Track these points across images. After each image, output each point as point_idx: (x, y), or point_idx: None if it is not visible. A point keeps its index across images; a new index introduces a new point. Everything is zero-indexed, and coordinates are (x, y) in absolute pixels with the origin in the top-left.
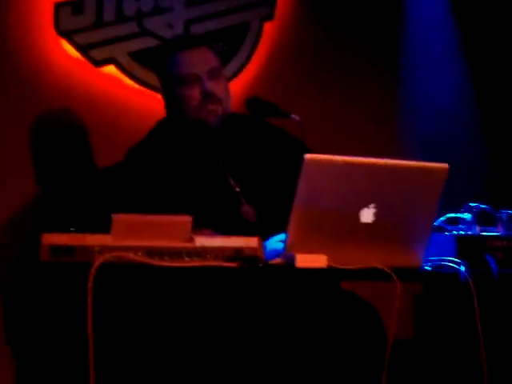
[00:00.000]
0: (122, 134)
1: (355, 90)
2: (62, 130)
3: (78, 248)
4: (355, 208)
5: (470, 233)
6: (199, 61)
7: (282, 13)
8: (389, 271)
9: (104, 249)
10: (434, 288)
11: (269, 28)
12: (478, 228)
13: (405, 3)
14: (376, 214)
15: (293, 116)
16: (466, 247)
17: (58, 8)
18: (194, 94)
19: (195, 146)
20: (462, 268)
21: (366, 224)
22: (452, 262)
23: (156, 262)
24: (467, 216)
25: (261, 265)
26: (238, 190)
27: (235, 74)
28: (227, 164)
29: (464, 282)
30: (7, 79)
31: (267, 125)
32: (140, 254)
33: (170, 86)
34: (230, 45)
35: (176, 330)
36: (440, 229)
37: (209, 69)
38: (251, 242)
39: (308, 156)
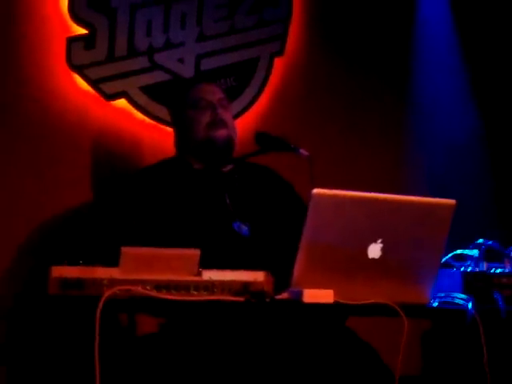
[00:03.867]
0: (132, 167)
1: (364, 124)
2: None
3: (87, 281)
4: (363, 243)
5: (477, 269)
6: (211, 90)
7: (292, 48)
8: (396, 307)
9: (112, 282)
10: (442, 324)
11: (279, 63)
12: (485, 264)
13: (414, 36)
14: (383, 250)
15: (301, 151)
16: (473, 284)
17: (70, 42)
18: (205, 117)
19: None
20: (470, 305)
21: (374, 259)
22: (459, 298)
23: (163, 295)
24: (475, 252)
25: (268, 300)
26: (231, 208)
27: (245, 109)
28: (231, 196)
29: (471, 319)
30: (20, 113)
31: (273, 174)
32: (148, 287)
33: (183, 110)
34: (240, 80)
35: (183, 363)
36: (447, 265)
37: (219, 98)
38: (258, 276)
39: (315, 191)
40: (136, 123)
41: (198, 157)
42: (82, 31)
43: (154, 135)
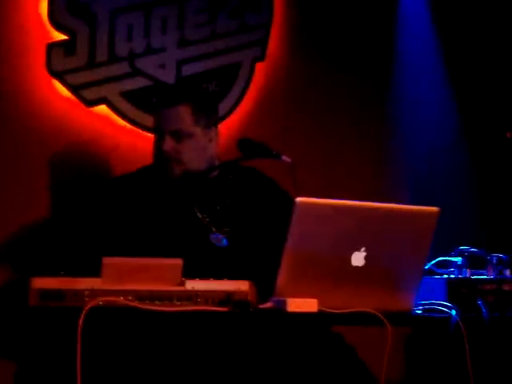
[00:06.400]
0: (113, 173)
1: (346, 130)
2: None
3: (68, 292)
4: (346, 251)
5: (460, 276)
6: (167, 120)
7: (274, 53)
8: (380, 316)
9: (94, 292)
10: (425, 331)
11: (260, 68)
12: (468, 271)
13: (395, 40)
14: (367, 258)
15: (284, 157)
16: (457, 291)
17: (50, 48)
18: (164, 146)
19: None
20: (453, 312)
21: (357, 267)
22: (443, 305)
23: (146, 306)
24: (458, 259)
25: (252, 309)
26: (206, 220)
27: (227, 114)
28: (201, 203)
29: (455, 327)
30: None
31: (259, 174)
32: (130, 297)
33: (153, 128)
34: (222, 85)
35: (166, 374)
36: (431, 272)
37: (171, 130)
38: (242, 285)
39: (299, 199)
40: (117, 129)
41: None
42: (62, 37)
43: (134, 141)
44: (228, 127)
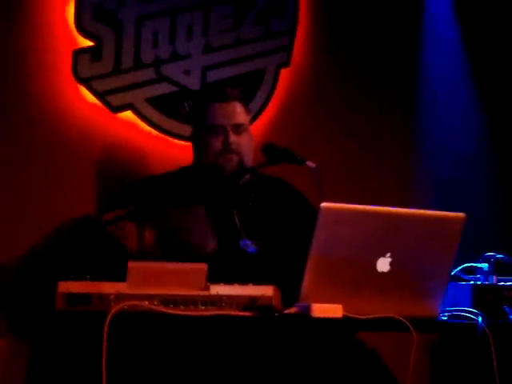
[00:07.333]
0: (138, 179)
1: (371, 134)
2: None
3: (94, 296)
4: (371, 257)
5: (486, 283)
6: (228, 114)
7: (298, 59)
8: (405, 322)
9: (119, 297)
10: (451, 338)
11: (285, 74)
12: (495, 278)
13: (422, 44)
14: (392, 264)
15: (308, 162)
16: (483, 297)
17: (76, 55)
18: (217, 143)
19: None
20: (480, 319)
21: (383, 273)
22: (469, 312)
23: (171, 310)
24: (484, 265)
25: (276, 314)
26: (239, 225)
27: (252, 120)
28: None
29: (481, 333)
30: (26, 126)
31: (286, 186)
32: (155, 302)
33: (198, 131)
34: (247, 91)
35: (191, 379)
36: (457, 278)
37: (235, 123)
38: (267, 290)
39: (324, 205)
40: (142, 135)
41: (205, 178)
42: (89, 43)
43: (160, 147)
44: (253, 133)
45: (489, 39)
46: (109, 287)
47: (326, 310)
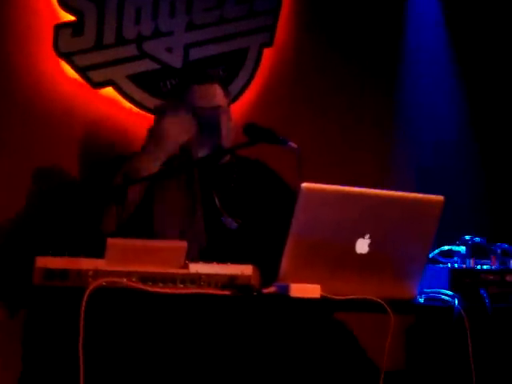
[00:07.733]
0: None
1: (353, 117)
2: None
3: (72, 272)
4: (351, 238)
5: (463, 266)
6: (209, 96)
7: (282, 39)
8: (383, 303)
9: (98, 273)
10: (427, 320)
11: (268, 54)
12: (472, 261)
13: (405, 29)
14: (371, 245)
15: (290, 143)
16: (460, 280)
17: (57, 29)
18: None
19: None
20: (456, 301)
21: (361, 255)
22: (446, 295)
23: (149, 287)
24: (462, 249)
25: (255, 293)
26: (219, 204)
27: (234, 99)
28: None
29: (457, 316)
30: (6, 100)
31: (263, 167)
32: (134, 279)
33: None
34: (229, 70)
35: (168, 356)
36: (434, 261)
37: (215, 105)
38: (246, 269)
39: (304, 185)
40: (123, 112)
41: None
42: (70, 18)
43: (140, 124)
44: (235, 112)
45: (472, 24)
46: (87, 263)
47: (304, 289)
